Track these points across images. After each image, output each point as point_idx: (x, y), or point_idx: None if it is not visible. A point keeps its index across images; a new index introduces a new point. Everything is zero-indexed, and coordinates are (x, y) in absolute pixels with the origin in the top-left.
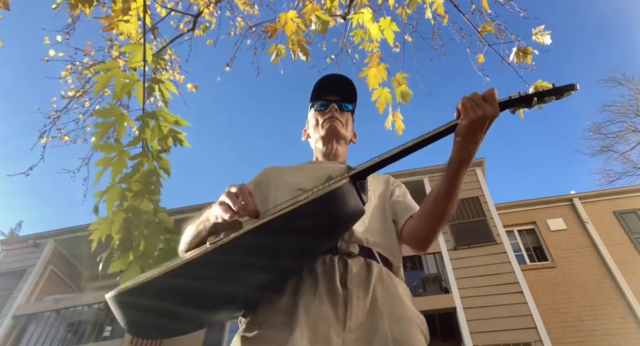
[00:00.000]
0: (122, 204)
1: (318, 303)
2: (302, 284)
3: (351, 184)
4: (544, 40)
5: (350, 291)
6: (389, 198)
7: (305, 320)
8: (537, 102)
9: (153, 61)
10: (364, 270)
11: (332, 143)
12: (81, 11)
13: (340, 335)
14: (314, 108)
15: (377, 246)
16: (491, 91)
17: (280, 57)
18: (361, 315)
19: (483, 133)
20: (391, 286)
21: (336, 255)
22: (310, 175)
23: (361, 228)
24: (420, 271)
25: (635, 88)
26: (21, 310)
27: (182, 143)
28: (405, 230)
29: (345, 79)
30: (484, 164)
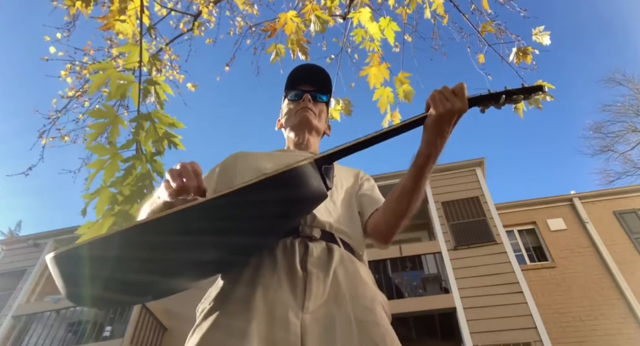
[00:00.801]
0: (113, 208)
1: (276, 286)
2: (262, 267)
3: (314, 167)
4: (543, 40)
5: (310, 273)
6: (356, 191)
7: (263, 304)
8: (505, 100)
9: (149, 62)
10: (325, 254)
11: (304, 133)
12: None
13: (298, 316)
14: (288, 97)
15: (340, 232)
16: (461, 85)
17: (279, 57)
18: (321, 296)
19: (451, 128)
20: (352, 268)
21: (297, 238)
22: (279, 161)
23: (325, 214)
24: (420, 271)
25: (636, 88)
26: (21, 310)
27: (177, 146)
28: (370, 223)
29: (320, 70)
30: (484, 164)
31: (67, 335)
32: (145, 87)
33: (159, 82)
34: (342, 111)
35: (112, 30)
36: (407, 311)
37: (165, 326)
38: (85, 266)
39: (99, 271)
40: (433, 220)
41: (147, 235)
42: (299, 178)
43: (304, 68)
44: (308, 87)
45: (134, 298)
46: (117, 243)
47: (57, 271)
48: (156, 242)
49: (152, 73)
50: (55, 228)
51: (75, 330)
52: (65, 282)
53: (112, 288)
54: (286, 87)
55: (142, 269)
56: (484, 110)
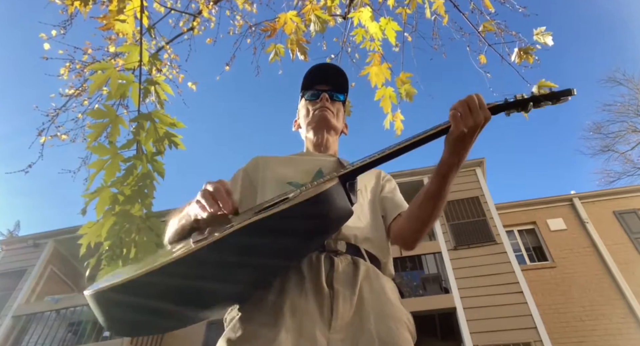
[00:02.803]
0: (113, 208)
1: (304, 303)
2: (288, 283)
3: (340, 185)
4: (545, 40)
5: (336, 290)
6: (379, 193)
7: (291, 320)
8: (532, 106)
9: (149, 62)
10: (351, 269)
11: (322, 133)
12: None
13: (325, 335)
14: (305, 97)
15: (365, 243)
16: (479, 99)
17: (278, 56)
18: (347, 315)
19: (474, 139)
20: (378, 285)
21: (323, 252)
22: (300, 168)
23: (349, 224)
24: (420, 271)
25: (636, 88)
26: (21, 310)
27: (178, 145)
28: (394, 228)
29: (336, 69)
30: (484, 164)
31: (67, 335)
32: (145, 87)
33: (159, 81)
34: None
35: (112, 30)
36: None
37: None
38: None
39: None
40: None
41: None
42: (326, 201)
43: (320, 67)
44: (325, 87)
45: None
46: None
47: (96, 308)
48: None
49: (152, 73)
50: (55, 228)
51: (75, 330)
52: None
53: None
54: (303, 87)
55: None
56: (509, 114)
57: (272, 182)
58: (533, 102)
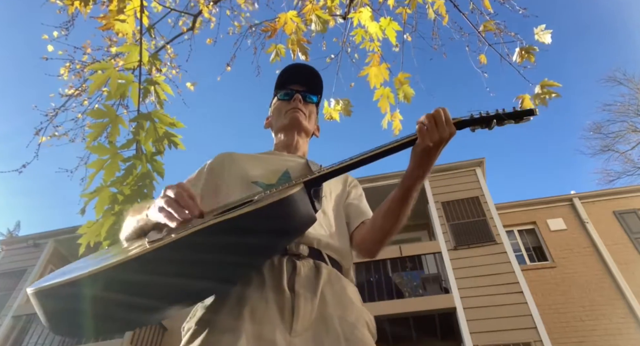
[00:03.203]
0: (113, 207)
1: (264, 308)
2: (249, 286)
3: (304, 191)
4: (544, 39)
5: (297, 293)
6: (344, 199)
7: (250, 325)
8: (495, 124)
9: (149, 62)
10: (313, 273)
11: (293, 134)
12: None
13: (286, 338)
14: (278, 96)
15: (328, 248)
16: (445, 114)
17: (279, 57)
18: (309, 317)
19: (439, 153)
20: (339, 288)
21: (285, 256)
22: (268, 167)
23: (313, 230)
24: (420, 271)
25: (636, 88)
26: (21, 310)
27: (177, 145)
28: (356, 237)
29: (311, 70)
30: (484, 164)
31: None
32: (145, 87)
33: (159, 81)
34: (341, 111)
35: (112, 29)
36: (407, 311)
37: (165, 327)
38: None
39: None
40: (433, 220)
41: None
42: (289, 207)
43: (295, 67)
44: (299, 87)
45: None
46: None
47: (38, 306)
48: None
49: (152, 73)
50: (55, 228)
51: None
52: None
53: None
54: (276, 86)
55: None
56: (474, 130)
57: (237, 180)
58: (497, 120)
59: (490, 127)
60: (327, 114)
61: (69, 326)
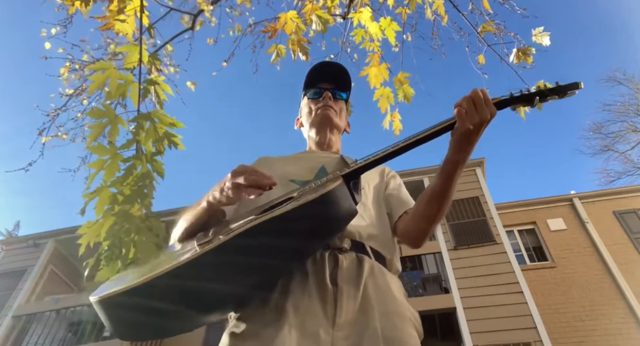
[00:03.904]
0: (113, 208)
1: (307, 301)
2: (292, 281)
3: (344, 184)
4: (543, 41)
5: (340, 288)
6: (383, 190)
7: (294, 318)
8: (539, 101)
9: (149, 62)
10: (355, 266)
11: (325, 132)
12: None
13: (329, 333)
14: (307, 96)
15: (370, 240)
16: (485, 94)
17: (280, 57)
18: (351, 312)
19: (480, 135)
20: (383, 282)
21: (327, 250)
22: (304, 165)
23: (354, 222)
24: (420, 271)
25: (636, 88)
26: (21, 310)
27: (177, 146)
28: (400, 226)
29: (339, 67)
30: (484, 164)
31: (67, 335)
32: (145, 87)
33: (159, 81)
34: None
35: (112, 30)
36: None
37: None
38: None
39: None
40: None
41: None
42: (330, 202)
43: (323, 66)
44: (327, 85)
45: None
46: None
47: (103, 313)
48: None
49: (152, 73)
50: (55, 228)
51: (75, 330)
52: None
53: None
54: (305, 86)
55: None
56: (515, 109)
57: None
58: (539, 96)
59: (533, 105)
60: None
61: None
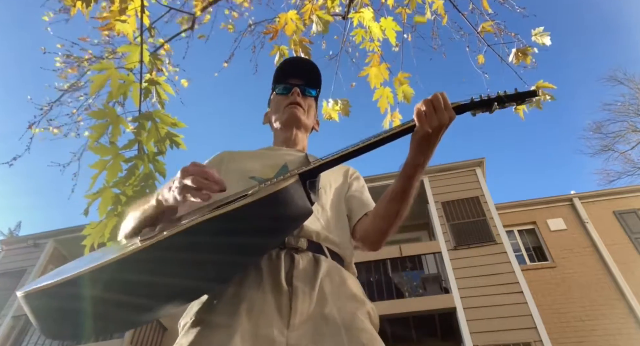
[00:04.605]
0: (116, 208)
1: (261, 302)
2: (246, 282)
3: (299, 183)
4: (543, 41)
5: (295, 288)
6: (345, 191)
7: (247, 321)
8: (497, 107)
9: (150, 62)
10: (312, 266)
11: (291, 129)
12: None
13: (284, 334)
14: (276, 91)
15: (327, 241)
16: (444, 98)
17: (282, 58)
18: (306, 312)
19: (439, 139)
20: (339, 280)
21: (283, 250)
22: (266, 162)
23: (312, 222)
24: (420, 271)
25: (636, 88)
26: (21, 310)
27: (179, 145)
28: (358, 229)
29: (309, 63)
30: (484, 164)
31: None
32: (146, 87)
33: (160, 81)
34: (340, 111)
35: (113, 30)
36: (407, 311)
37: (165, 327)
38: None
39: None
40: (433, 220)
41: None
42: (283, 200)
43: (293, 61)
44: (297, 81)
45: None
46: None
47: (29, 310)
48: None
49: (153, 73)
50: (55, 228)
51: None
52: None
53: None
54: (274, 81)
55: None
56: (475, 114)
57: (235, 176)
58: (498, 102)
59: (491, 110)
60: (327, 114)
61: (61, 328)
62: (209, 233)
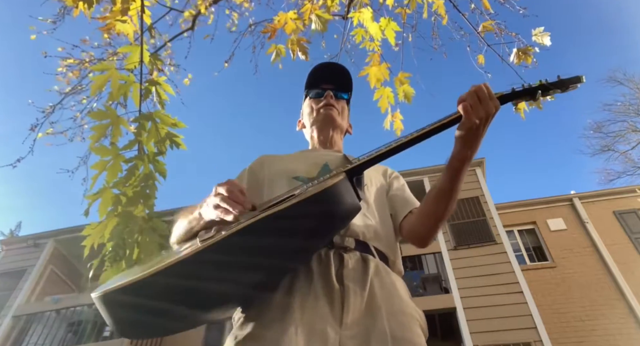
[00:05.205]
0: (116, 209)
1: (313, 300)
2: (297, 280)
3: (347, 180)
4: (543, 41)
5: (346, 287)
6: (386, 191)
7: (300, 317)
8: (541, 95)
9: (150, 62)
10: (360, 265)
11: (328, 130)
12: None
13: (337, 331)
14: (309, 96)
15: (374, 240)
16: (488, 89)
17: (279, 57)
18: (358, 311)
19: (485, 130)
20: (388, 282)
21: (331, 249)
22: (307, 162)
23: (358, 221)
24: (420, 271)
25: (636, 88)
26: (21, 310)
27: (179, 146)
28: (405, 226)
29: (341, 68)
30: (484, 164)
31: (67, 335)
32: (146, 87)
33: (160, 82)
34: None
35: (114, 30)
36: None
37: None
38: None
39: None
40: None
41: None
42: (333, 197)
43: (325, 66)
44: (329, 85)
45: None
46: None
47: (104, 309)
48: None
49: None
50: (55, 228)
51: (75, 330)
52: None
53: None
54: (307, 86)
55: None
56: (517, 104)
57: (278, 178)
58: (542, 91)
59: (536, 99)
60: None
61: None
62: (265, 232)
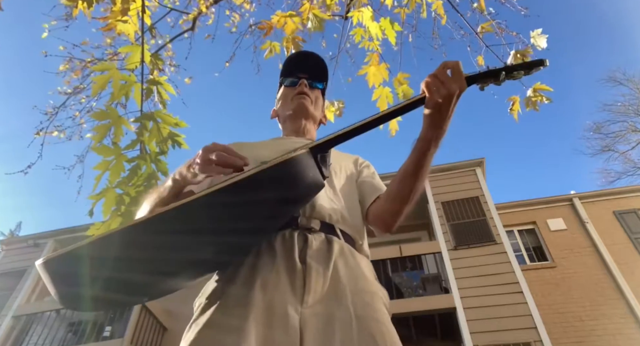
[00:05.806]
0: (119, 208)
1: (275, 280)
2: (260, 259)
3: (310, 155)
4: (539, 43)
5: (309, 266)
6: (356, 178)
7: (261, 299)
8: (505, 76)
9: (151, 62)
10: (325, 246)
11: (300, 120)
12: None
13: (297, 311)
14: (284, 84)
15: (340, 223)
16: (456, 65)
17: (273, 53)
18: (320, 290)
19: (452, 109)
20: (352, 261)
21: (296, 230)
22: (277, 148)
23: (324, 204)
24: (420, 271)
25: (636, 88)
26: (21, 310)
27: (181, 145)
28: (372, 211)
29: (316, 57)
30: (484, 164)
31: (67, 335)
32: (147, 87)
33: (161, 81)
34: (336, 113)
35: (114, 30)
36: (407, 311)
37: (165, 326)
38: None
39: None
40: (433, 220)
41: (145, 233)
42: (295, 169)
43: (300, 55)
44: (304, 74)
45: (131, 299)
46: (115, 242)
47: (48, 275)
48: (154, 240)
49: (154, 73)
50: (55, 228)
51: (75, 330)
52: (57, 285)
53: (106, 289)
54: (282, 75)
55: (140, 269)
56: (483, 88)
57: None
58: (505, 72)
59: (499, 80)
60: None
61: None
62: (227, 199)
